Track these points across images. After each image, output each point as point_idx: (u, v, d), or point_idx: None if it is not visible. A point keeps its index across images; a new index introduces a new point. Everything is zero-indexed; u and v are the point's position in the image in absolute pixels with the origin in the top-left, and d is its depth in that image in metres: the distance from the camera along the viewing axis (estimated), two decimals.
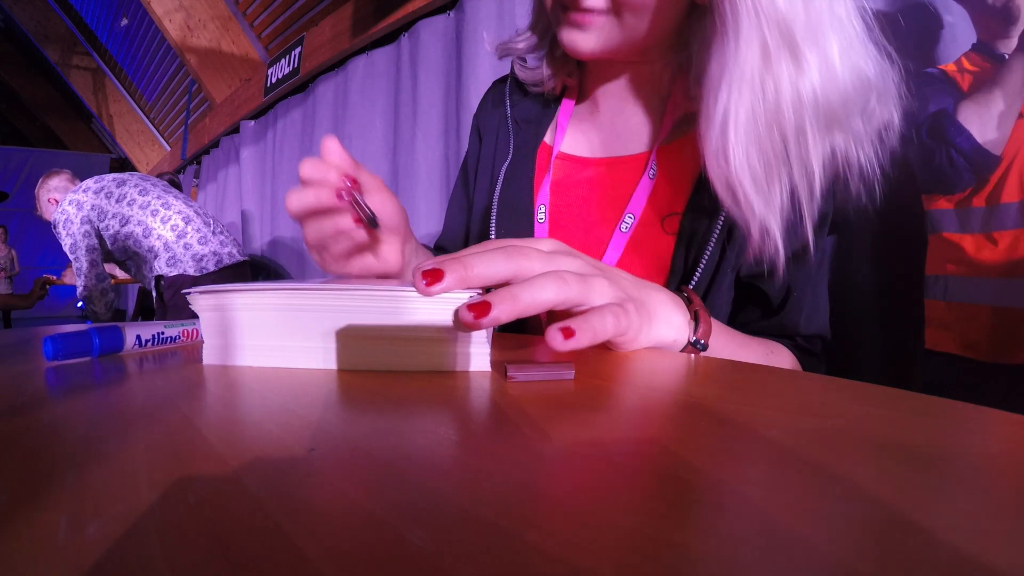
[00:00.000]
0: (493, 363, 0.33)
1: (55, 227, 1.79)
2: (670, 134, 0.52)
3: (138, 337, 0.39)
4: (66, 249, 1.77)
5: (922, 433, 0.20)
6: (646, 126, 0.54)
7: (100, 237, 1.78)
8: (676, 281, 0.49)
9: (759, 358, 0.46)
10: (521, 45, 0.58)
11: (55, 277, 2.64)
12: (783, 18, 0.39)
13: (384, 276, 0.47)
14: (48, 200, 2.02)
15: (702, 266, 0.48)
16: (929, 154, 0.91)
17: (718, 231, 0.47)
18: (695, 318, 0.40)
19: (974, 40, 0.96)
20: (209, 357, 0.35)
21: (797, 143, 0.42)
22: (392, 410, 0.24)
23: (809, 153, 0.42)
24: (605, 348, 0.38)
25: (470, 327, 0.29)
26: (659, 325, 0.38)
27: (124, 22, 4.14)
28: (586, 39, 0.47)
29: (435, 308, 0.32)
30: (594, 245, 0.52)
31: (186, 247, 1.76)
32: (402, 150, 2.06)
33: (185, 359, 0.37)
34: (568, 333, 0.30)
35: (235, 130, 3.35)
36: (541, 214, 0.54)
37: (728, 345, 0.43)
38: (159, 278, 1.76)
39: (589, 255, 0.39)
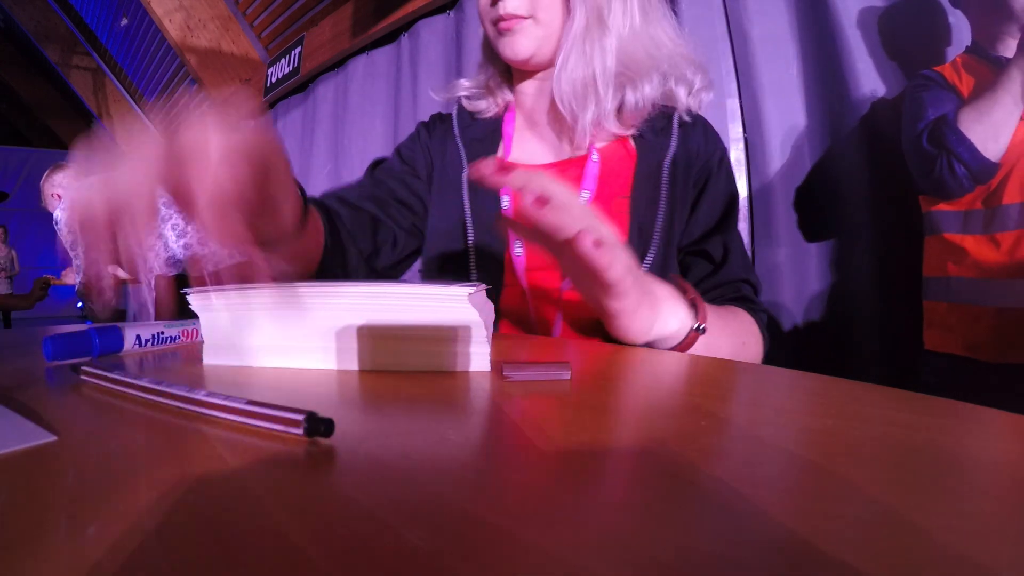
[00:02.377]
0: (492, 363, 0.33)
1: (57, 223, 1.78)
2: (605, 132, 0.61)
3: (138, 337, 0.39)
4: (67, 245, 1.77)
5: (923, 433, 0.20)
6: (582, 126, 0.62)
7: None
8: (636, 249, 0.56)
9: (736, 327, 0.53)
10: (466, 84, 0.70)
11: (55, 277, 2.64)
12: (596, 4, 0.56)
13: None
14: (52, 195, 2.01)
15: (655, 244, 0.56)
16: (930, 162, 0.91)
17: (663, 211, 0.57)
18: (693, 306, 0.46)
19: (968, 42, 0.96)
20: (209, 357, 0.35)
21: (604, 76, 0.58)
22: (392, 410, 0.24)
23: (609, 83, 0.58)
24: (613, 347, 0.38)
25: (490, 173, 0.37)
26: (665, 316, 0.44)
27: (124, 22, 4.14)
28: (517, 41, 0.59)
29: (435, 308, 0.32)
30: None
31: (186, 247, 1.76)
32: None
33: (185, 359, 0.37)
34: (598, 243, 0.35)
35: None
36: (506, 203, 0.61)
37: (716, 323, 0.47)
38: (158, 278, 1.76)
39: None
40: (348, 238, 0.58)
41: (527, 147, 0.66)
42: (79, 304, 1.92)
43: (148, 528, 0.13)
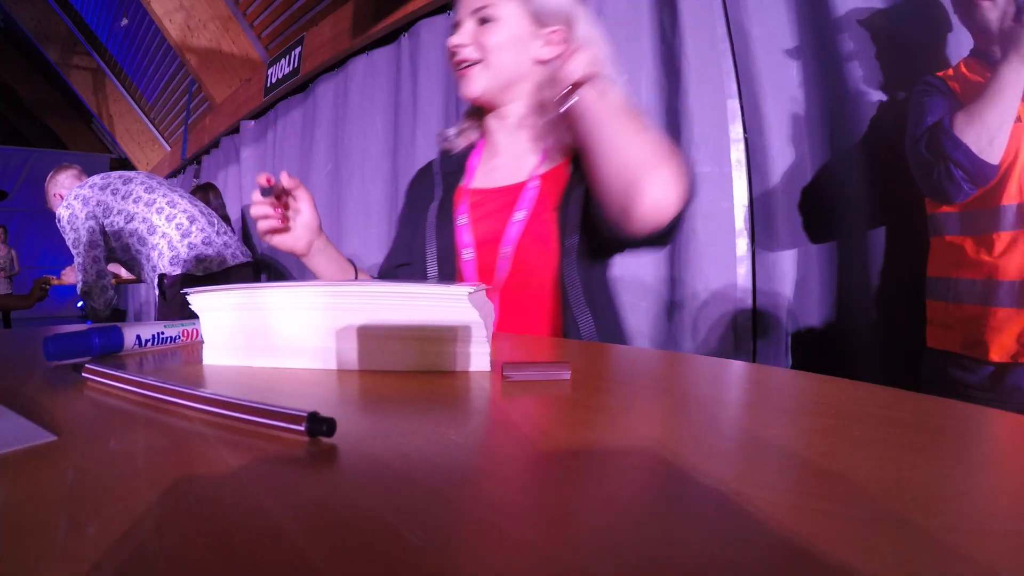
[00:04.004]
0: (492, 363, 0.33)
1: (59, 222, 1.78)
2: (549, 160, 0.73)
3: (138, 337, 0.39)
4: (69, 244, 1.77)
5: (923, 433, 0.20)
6: (531, 156, 0.75)
7: (104, 234, 1.78)
8: (563, 255, 0.67)
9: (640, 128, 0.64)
10: (450, 132, 0.86)
11: (55, 277, 2.62)
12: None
13: (291, 252, 0.72)
14: (55, 195, 2.01)
15: (575, 251, 0.67)
16: (928, 167, 0.91)
17: (579, 218, 0.68)
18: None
19: (971, 46, 0.96)
20: (209, 357, 0.35)
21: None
22: (392, 410, 0.24)
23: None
24: (613, 347, 0.38)
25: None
26: None
27: (124, 22, 4.13)
28: (469, 82, 0.72)
29: (435, 308, 0.32)
30: (496, 233, 0.72)
31: (190, 247, 1.75)
32: (402, 150, 2.06)
33: (185, 359, 0.37)
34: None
35: (235, 130, 3.35)
36: (462, 219, 0.77)
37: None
38: (162, 276, 1.75)
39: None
40: None
41: (486, 175, 0.78)
42: (79, 304, 1.91)
43: (148, 528, 0.13)
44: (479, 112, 0.81)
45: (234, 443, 0.19)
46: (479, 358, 0.32)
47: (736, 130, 1.26)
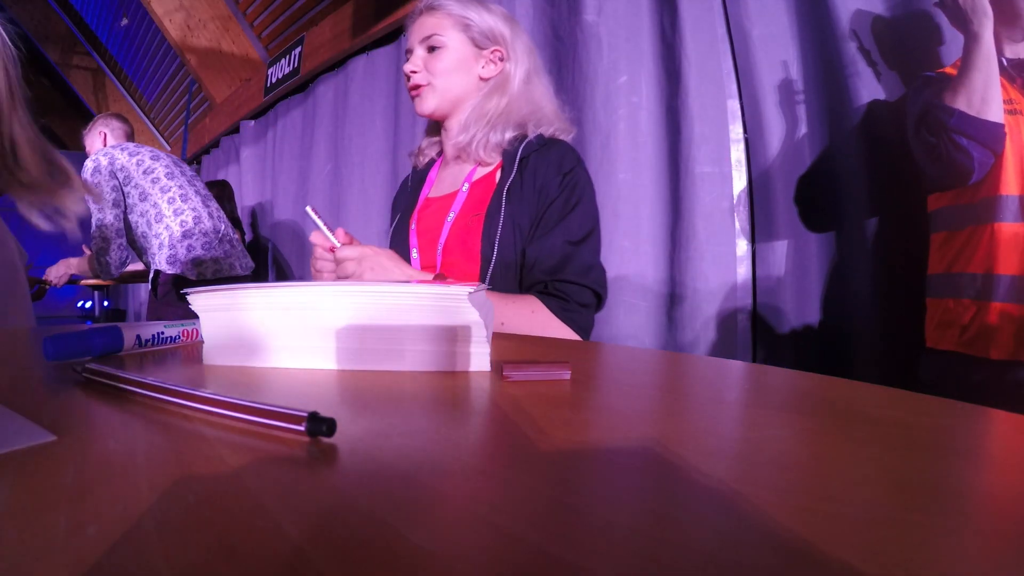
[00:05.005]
0: (492, 363, 0.33)
1: (84, 172, 1.77)
2: (481, 168, 0.85)
3: (138, 337, 0.39)
4: (88, 202, 1.77)
5: (923, 433, 0.20)
6: (467, 165, 0.86)
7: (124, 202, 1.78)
8: (484, 256, 0.76)
9: (520, 309, 0.72)
10: (421, 145, 0.98)
11: (43, 278, 2.54)
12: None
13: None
14: (99, 132, 2.01)
15: (496, 250, 0.76)
16: (934, 149, 0.91)
17: (502, 224, 0.76)
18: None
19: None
20: (209, 357, 0.35)
21: (488, 124, 0.85)
22: (392, 410, 0.24)
23: (490, 129, 0.84)
24: (613, 347, 0.38)
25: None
26: None
27: (124, 22, 4.13)
28: (421, 102, 0.84)
29: (435, 308, 0.32)
30: (436, 234, 0.83)
31: (189, 248, 1.73)
32: (402, 150, 2.05)
33: (185, 359, 0.37)
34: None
35: (235, 130, 3.35)
36: (412, 224, 0.89)
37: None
38: (157, 273, 1.74)
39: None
40: None
41: (439, 183, 0.91)
42: (79, 304, 1.91)
43: (148, 528, 0.13)
44: (437, 128, 0.92)
45: (234, 443, 0.19)
46: (479, 358, 0.32)
47: (736, 130, 1.26)
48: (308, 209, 0.72)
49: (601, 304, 0.79)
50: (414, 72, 0.83)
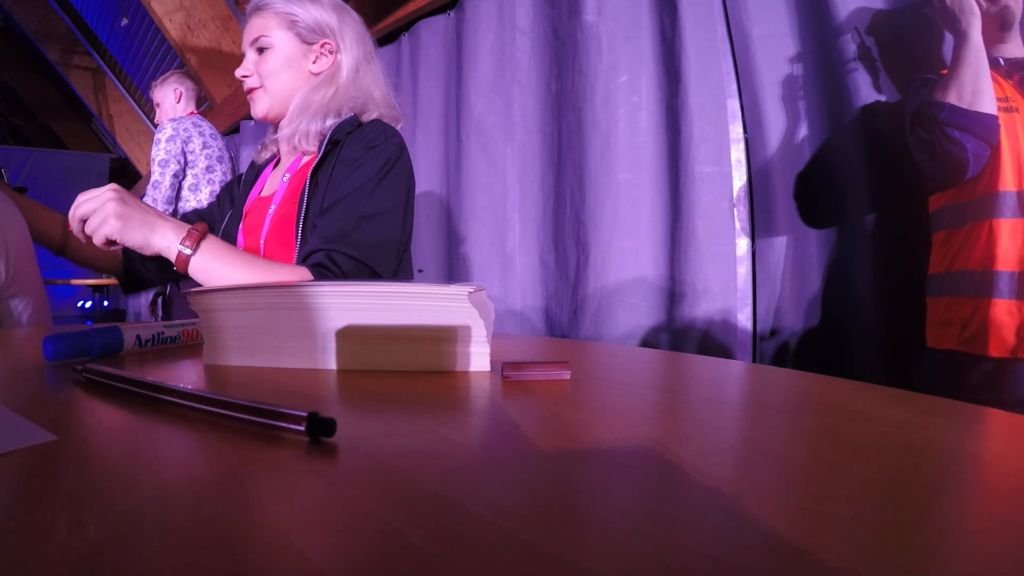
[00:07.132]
0: (492, 363, 0.33)
1: (158, 132, 1.85)
2: (302, 158, 0.86)
3: (138, 337, 0.39)
4: (155, 161, 1.83)
5: (923, 433, 0.20)
6: (291, 156, 0.87)
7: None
8: (299, 244, 0.76)
9: (263, 269, 0.70)
10: (267, 139, 0.96)
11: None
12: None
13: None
14: (174, 89, 2.04)
15: (302, 230, 0.77)
16: (928, 145, 0.91)
17: (306, 205, 0.78)
18: (195, 240, 0.64)
19: None
20: (209, 357, 0.35)
21: (307, 113, 0.84)
22: (392, 410, 0.24)
23: (307, 119, 0.85)
24: (613, 347, 0.38)
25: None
26: (155, 236, 0.64)
27: (124, 22, 4.13)
28: (255, 105, 0.85)
29: (435, 308, 0.32)
30: (260, 226, 0.83)
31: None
32: None
33: (185, 359, 0.37)
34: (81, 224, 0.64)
35: (235, 130, 3.35)
36: (241, 223, 0.88)
37: (224, 256, 0.66)
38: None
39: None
40: None
41: (269, 183, 0.91)
42: (79, 304, 1.94)
43: (148, 528, 0.13)
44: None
45: (234, 443, 0.19)
46: (479, 358, 0.32)
47: (736, 130, 1.26)
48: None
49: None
50: (245, 76, 0.83)
